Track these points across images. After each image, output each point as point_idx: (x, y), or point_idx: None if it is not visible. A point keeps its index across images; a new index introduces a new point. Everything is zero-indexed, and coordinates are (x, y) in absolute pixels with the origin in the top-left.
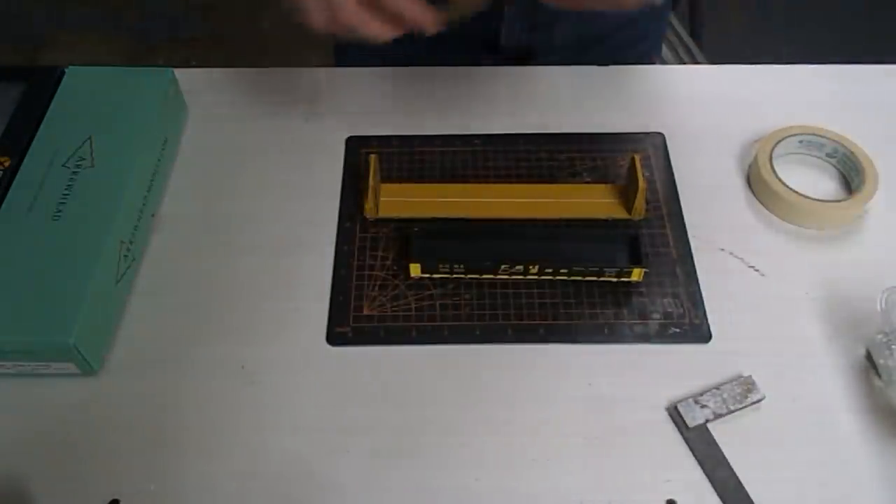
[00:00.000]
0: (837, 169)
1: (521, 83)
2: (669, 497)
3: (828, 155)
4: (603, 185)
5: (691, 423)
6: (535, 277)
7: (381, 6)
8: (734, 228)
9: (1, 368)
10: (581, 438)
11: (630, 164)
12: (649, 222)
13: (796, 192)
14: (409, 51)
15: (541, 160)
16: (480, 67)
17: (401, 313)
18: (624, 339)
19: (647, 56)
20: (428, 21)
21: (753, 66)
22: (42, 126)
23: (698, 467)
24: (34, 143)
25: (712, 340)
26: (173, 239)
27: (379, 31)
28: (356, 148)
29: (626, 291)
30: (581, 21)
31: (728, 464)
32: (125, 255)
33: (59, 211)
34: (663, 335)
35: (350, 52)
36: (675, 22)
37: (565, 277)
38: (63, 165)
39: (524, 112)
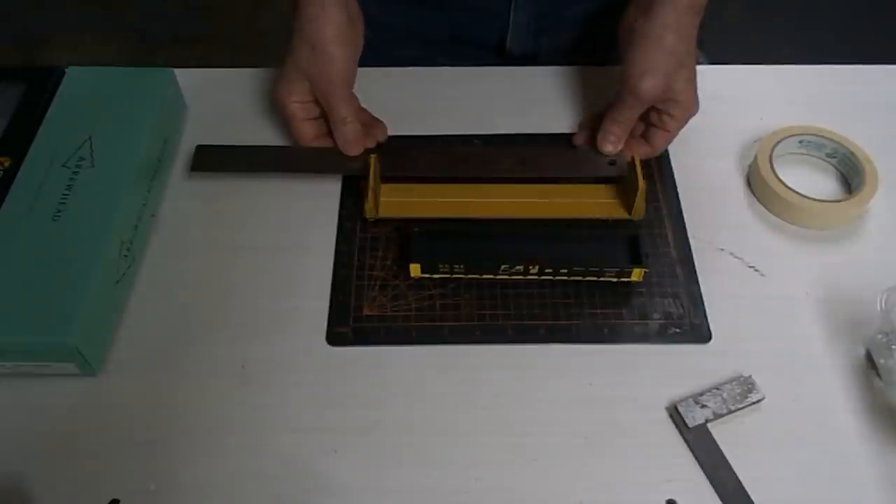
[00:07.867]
0: (837, 169)
1: (522, 83)
2: (669, 497)
3: (828, 155)
4: (603, 185)
5: (691, 423)
6: (535, 277)
7: (366, 123)
8: (734, 228)
9: (1, 368)
10: (581, 438)
11: (630, 164)
12: (649, 222)
13: (796, 192)
14: (416, 55)
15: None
16: (481, 67)
17: (401, 313)
18: (624, 339)
19: None
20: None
21: (753, 66)
22: (42, 126)
23: (698, 467)
24: (34, 143)
25: (712, 340)
26: (173, 239)
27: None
28: None
29: (626, 292)
30: (586, 24)
31: (728, 464)
32: (125, 255)
33: (59, 211)
34: (663, 335)
35: None
36: None
37: (565, 277)
38: (63, 165)
39: (524, 112)
